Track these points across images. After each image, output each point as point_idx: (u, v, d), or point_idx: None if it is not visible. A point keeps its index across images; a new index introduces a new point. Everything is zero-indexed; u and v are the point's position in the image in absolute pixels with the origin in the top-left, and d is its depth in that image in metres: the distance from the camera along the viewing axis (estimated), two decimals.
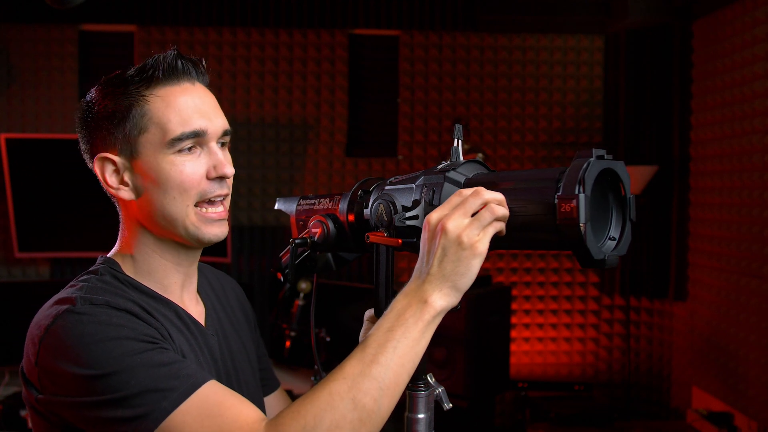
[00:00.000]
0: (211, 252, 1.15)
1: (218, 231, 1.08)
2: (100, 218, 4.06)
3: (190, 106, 1.04)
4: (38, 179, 3.98)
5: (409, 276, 0.98)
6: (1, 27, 4.14)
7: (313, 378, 2.88)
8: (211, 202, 1.07)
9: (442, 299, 0.92)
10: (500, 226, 0.92)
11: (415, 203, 1.02)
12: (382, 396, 0.88)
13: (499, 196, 0.93)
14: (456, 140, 1.07)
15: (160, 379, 0.90)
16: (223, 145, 1.10)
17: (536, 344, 4.42)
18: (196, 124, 1.04)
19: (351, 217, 1.12)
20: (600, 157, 0.90)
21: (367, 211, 1.10)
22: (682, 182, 4.08)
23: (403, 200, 1.04)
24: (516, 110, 4.39)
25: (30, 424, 1.04)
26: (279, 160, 4.33)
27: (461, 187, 1.00)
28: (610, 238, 0.96)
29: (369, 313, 1.22)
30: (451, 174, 1.01)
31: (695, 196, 4.00)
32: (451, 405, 1.02)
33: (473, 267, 0.91)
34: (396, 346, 0.90)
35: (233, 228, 4.20)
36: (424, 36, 4.34)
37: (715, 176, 3.79)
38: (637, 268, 4.24)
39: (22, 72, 4.19)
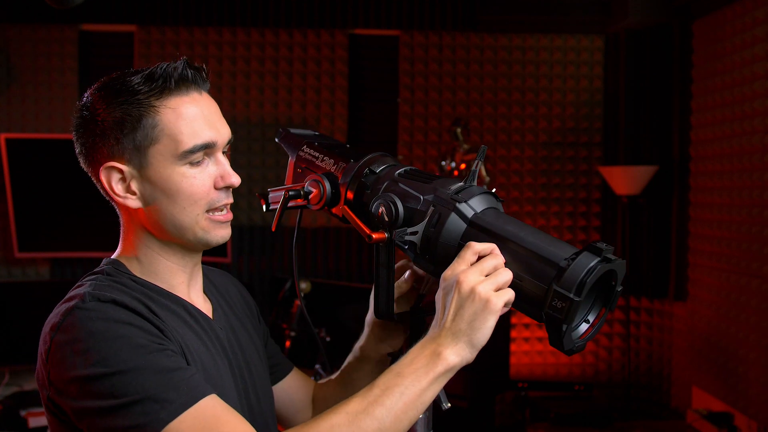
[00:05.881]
0: (211, 252, 1.15)
1: (224, 233, 1.11)
2: (100, 218, 4.07)
3: (200, 117, 1.05)
4: (38, 179, 3.98)
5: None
6: (1, 27, 4.14)
7: (313, 377, 2.87)
8: (219, 208, 1.10)
9: (455, 355, 0.93)
10: (512, 293, 0.94)
11: (418, 219, 1.01)
12: None
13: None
14: (477, 162, 1.04)
15: (161, 387, 0.91)
16: (223, 152, 1.11)
17: (536, 344, 4.42)
18: (207, 136, 1.05)
19: (350, 195, 1.09)
20: (606, 260, 0.91)
21: (368, 192, 1.08)
22: (682, 182, 4.08)
23: (408, 205, 1.02)
24: (516, 110, 4.39)
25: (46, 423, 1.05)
26: (279, 160, 4.33)
27: (467, 222, 0.98)
28: (585, 320, 0.97)
29: (369, 317, 1.22)
30: (462, 207, 0.99)
31: (695, 196, 4.00)
32: (449, 404, 1.02)
33: (488, 322, 0.93)
34: (403, 392, 0.92)
35: (233, 228, 4.19)
36: (424, 36, 4.34)
37: (715, 176, 3.79)
38: (637, 268, 4.24)
39: (22, 72, 4.19)
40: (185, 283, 1.12)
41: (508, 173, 4.39)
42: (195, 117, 1.04)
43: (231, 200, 1.11)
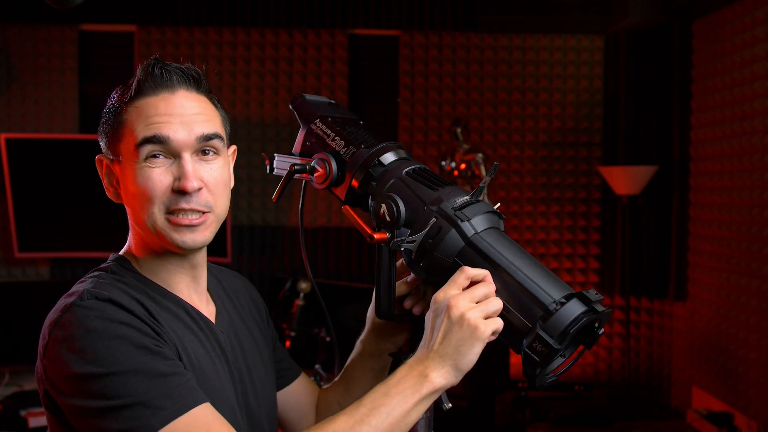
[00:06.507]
0: (211, 252, 1.13)
1: (188, 237, 1.05)
2: (100, 218, 4.07)
3: (158, 113, 1.04)
4: (38, 179, 3.98)
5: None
6: (1, 27, 4.14)
7: (313, 377, 2.88)
8: (183, 211, 1.05)
9: (441, 377, 0.95)
10: (500, 323, 0.95)
11: (419, 225, 1.00)
12: None
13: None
14: (488, 178, 1.04)
15: (154, 392, 0.91)
16: (205, 152, 1.07)
17: None
18: (157, 130, 1.02)
19: (355, 183, 1.08)
20: (593, 311, 0.92)
21: (374, 184, 1.07)
22: (682, 182, 4.08)
23: (410, 209, 1.02)
24: (516, 110, 4.39)
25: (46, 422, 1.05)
26: None
27: (465, 241, 0.98)
28: (561, 355, 0.97)
29: (370, 312, 1.22)
30: (464, 225, 0.98)
31: (695, 196, 4.00)
32: (450, 405, 1.02)
33: (475, 348, 0.94)
34: (389, 413, 0.93)
35: (233, 228, 4.20)
36: (424, 36, 4.34)
37: (715, 176, 3.79)
38: (637, 268, 4.24)
39: (22, 72, 4.19)
40: (185, 283, 1.12)
41: (508, 173, 4.39)
42: (153, 113, 1.03)
43: (192, 206, 1.04)
